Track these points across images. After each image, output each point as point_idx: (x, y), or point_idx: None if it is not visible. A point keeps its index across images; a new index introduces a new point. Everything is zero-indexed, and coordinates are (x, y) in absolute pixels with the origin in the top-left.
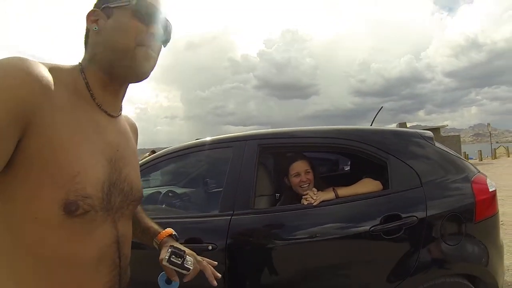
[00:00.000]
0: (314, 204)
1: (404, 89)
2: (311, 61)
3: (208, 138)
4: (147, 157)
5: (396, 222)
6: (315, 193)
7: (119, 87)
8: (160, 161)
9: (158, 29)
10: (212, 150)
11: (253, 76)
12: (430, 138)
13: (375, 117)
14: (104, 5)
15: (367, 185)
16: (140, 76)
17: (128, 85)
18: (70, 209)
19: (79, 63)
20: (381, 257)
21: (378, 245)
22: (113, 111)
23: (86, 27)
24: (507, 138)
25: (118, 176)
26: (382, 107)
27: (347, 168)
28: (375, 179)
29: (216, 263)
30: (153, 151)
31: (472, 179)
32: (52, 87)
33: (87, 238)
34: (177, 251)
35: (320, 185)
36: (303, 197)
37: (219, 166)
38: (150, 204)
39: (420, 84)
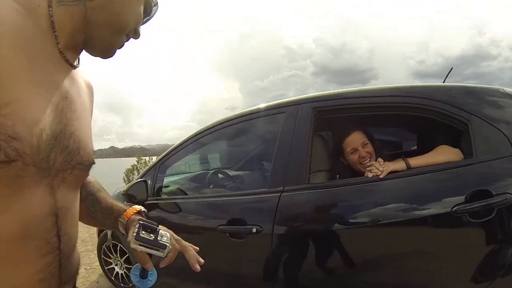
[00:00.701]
0: (381, 176)
1: (466, 68)
2: (367, 44)
3: (255, 107)
4: None
5: (486, 200)
6: (381, 163)
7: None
8: (203, 136)
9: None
10: (261, 118)
11: (310, 63)
12: None
13: (446, 77)
14: None
15: (445, 153)
16: (103, 57)
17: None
18: None
19: None
20: (466, 248)
21: (463, 231)
22: (71, 58)
23: None
24: None
25: (63, 129)
26: (452, 68)
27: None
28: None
29: (198, 248)
30: None
31: None
32: None
33: (9, 202)
34: (148, 224)
35: (384, 158)
36: (367, 168)
37: (269, 136)
38: (197, 184)
39: (484, 61)
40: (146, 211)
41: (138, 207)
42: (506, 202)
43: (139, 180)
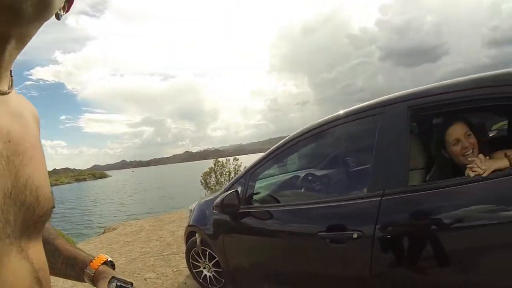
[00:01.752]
0: (484, 175)
1: None
2: (432, 18)
3: (347, 110)
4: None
5: None
6: (482, 161)
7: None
8: (296, 143)
9: None
10: (353, 122)
11: (376, 48)
12: None
13: None
14: None
15: None
16: (40, 18)
17: (11, 42)
18: None
19: None
20: None
21: None
22: (1, 83)
23: None
24: None
25: (15, 182)
26: None
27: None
28: None
29: None
30: None
31: None
32: None
33: None
34: (123, 284)
35: (485, 151)
36: (467, 166)
37: (364, 139)
38: (289, 190)
39: None
40: (112, 260)
41: (104, 256)
42: None
43: (231, 191)
